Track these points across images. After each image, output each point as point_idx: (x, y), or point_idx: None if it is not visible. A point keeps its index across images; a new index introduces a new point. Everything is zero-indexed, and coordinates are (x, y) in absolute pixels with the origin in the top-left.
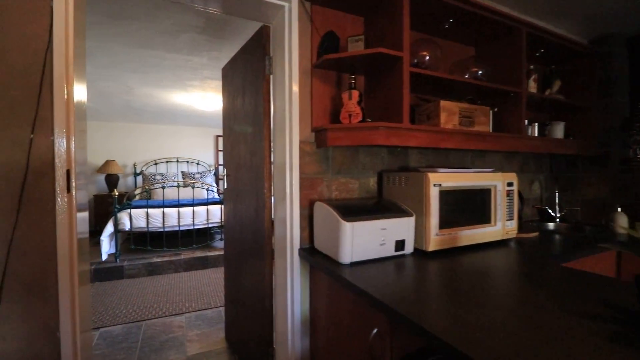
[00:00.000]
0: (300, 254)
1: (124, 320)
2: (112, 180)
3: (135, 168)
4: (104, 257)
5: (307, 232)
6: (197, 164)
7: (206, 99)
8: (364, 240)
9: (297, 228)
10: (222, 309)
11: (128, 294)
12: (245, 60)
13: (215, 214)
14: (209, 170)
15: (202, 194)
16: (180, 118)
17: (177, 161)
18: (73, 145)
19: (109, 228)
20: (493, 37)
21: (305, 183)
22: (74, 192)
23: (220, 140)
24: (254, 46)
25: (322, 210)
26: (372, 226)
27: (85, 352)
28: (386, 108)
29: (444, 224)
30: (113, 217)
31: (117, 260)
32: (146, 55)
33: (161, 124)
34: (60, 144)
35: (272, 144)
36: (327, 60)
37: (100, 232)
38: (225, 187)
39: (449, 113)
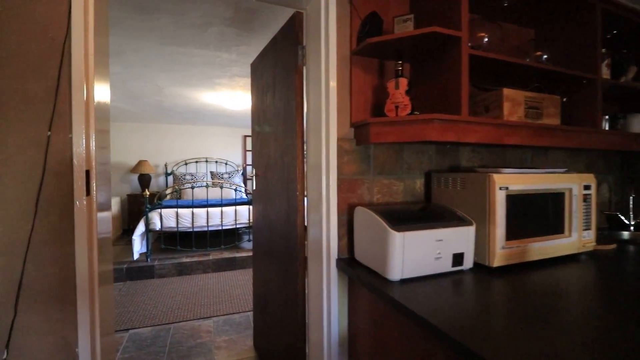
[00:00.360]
0: (337, 265)
1: (153, 322)
2: (144, 180)
3: (166, 168)
4: (136, 256)
5: (345, 241)
6: (226, 164)
7: (234, 98)
8: (416, 254)
9: (334, 236)
10: (250, 313)
11: (158, 294)
12: (276, 52)
13: (243, 214)
14: (237, 170)
15: (230, 194)
16: (209, 118)
17: (206, 161)
18: (93, 144)
19: (141, 227)
20: (559, 16)
21: (344, 185)
22: (94, 195)
23: (248, 140)
24: (285, 36)
25: (364, 217)
26: (426, 237)
27: (107, 356)
28: (438, 98)
29: (511, 234)
30: (144, 217)
31: (148, 259)
32: (175, 52)
33: (191, 124)
34: (79, 143)
35: (305, 142)
36: (370, 44)
37: (132, 231)
38: (254, 187)
39: (513, 103)
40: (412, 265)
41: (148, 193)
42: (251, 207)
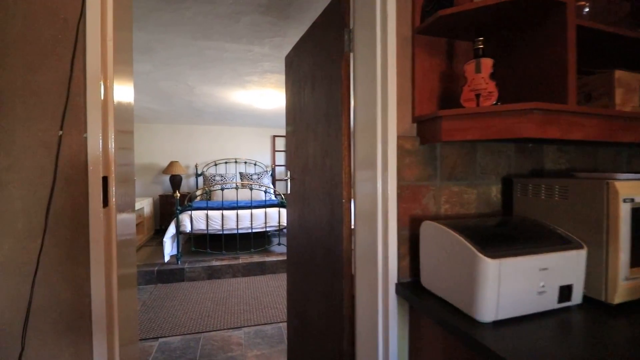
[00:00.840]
0: (397, 291)
1: (183, 330)
2: (175, 181)
3: (196, 169)
4: (167, 258)
5: (407, 262)
6: (255, 164)
7: (264, 96)
8: (515, 287)
9: (393, 254)
10: (282, 325)
11: (188, 299)
12: (316, 40)
13: (273, 217)
14: (266, 171)
15: (260, 195)
16: (238, 118)
17: (236, 162)
18: (112, 145)
19: (171, 230)
20: None
21: (406, 193)
22: (113, 206)
23: (277, 140)
24: (328, 20)
25: (436, 234)
26: (527, 264)
27: None
28: (528, 85)
29: (637, 261)
30: (175, 219)
31: (179, 262)
32: (205, 48)
33: (220, 124)
34: (95, 144)
35: (352, 141)
36: (441, 18)
37: (164, 231)
38: (289, 191)
39: (627, 89)
40: (509, 301)
41: (179, 194)
42: (281, 209)
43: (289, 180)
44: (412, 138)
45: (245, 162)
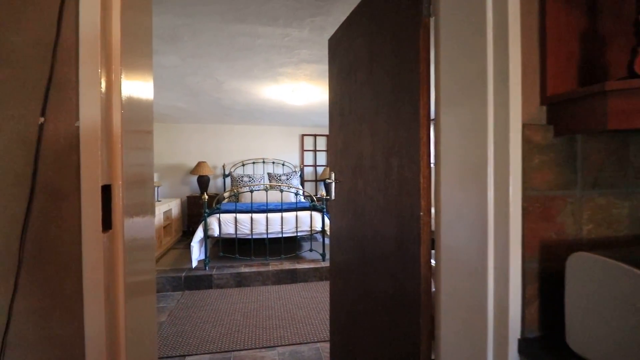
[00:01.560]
0: (521, 349)
1: (212, 347)
2: (203, 182)
3: (224, 169)
4: (194, 264)
5: (536, 308)
6: (283, 164)
7: (297, 91)
8: None
9: (515, 297)
10: (320, 346)
11: (216, 309)
12: (372, 12)
13: (305, 221)
14: (295, 172)
15: (289, 197)
16: (267, 116)
17: (263, 162)
18: (119, 135)
19: (199, 234)
20: None
21: (534, 207)
22: (120, 227)
23: (306, 139)
24: None
25: (601, 274)
26: None
27: None
28: None
29: None
30: (203, 223)
31: (207, 267)
32: (236, 33)
33: (248, 124)
34: (91, 138)
35: (430, 134)
36: None
37: (192, 233)
38: (333, 195)
39: None
40: None
41: (206, 197)
42: (314, 213)
43: (333, 183)
44: (542, 127)
45: (274, 162)
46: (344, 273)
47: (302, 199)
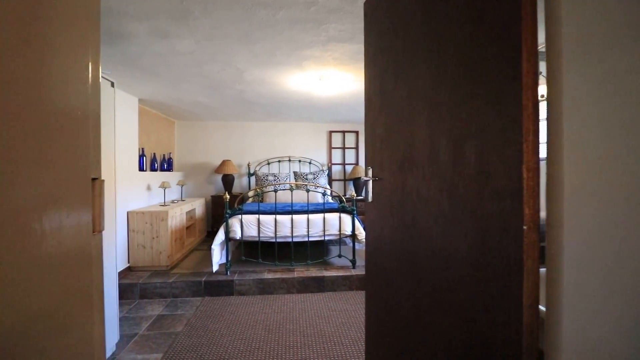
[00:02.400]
0: None
1: None
2: (228, 181)
3: (249, 168)
4: (215, 268)
5: None
6: (310, 163)
7: (324, 79)
8: None
9: None
10: None
11: (236, 320)
12: None
13: (333, 224)
14: (322, 170)
15: (316, 197)
16: (293, 111)
17: (289, 160)
18: None
19: (220, 236)
20: None
21: None
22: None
23: (334, 136)
24: None
25: None
26: None
27: None
28: None
29: None
30: (224, 224)
31: (228, 272)
32: (252, 3)
33: (273, 120)
34: None
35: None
36: None
37: (216, 234)
38: (370, 197)
39: None
40: None
41: (228, 197)
42: (342, 215)
43: (370, 181)
44: None
45: (300, 161)
46: (385, 302)
47: (329, 199)
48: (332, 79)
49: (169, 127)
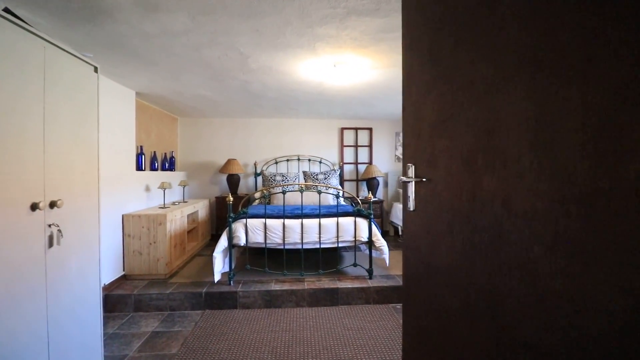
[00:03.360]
0: None
1: None
2: (233, 181)
3: (255, 167)
4: (217, 277)
5: None
6: (320, 162)
7: (340, 65)
8: None
9: None
10: None
11: (240, 340)
12: None
13: (348, 229)
14: (334, 170)
15: (327, 199)
16: (303, 105)
17: (298, 159)
18: None
19: (223, 242)
20: None
21: None
22: None
23: (346, 133)
24: None
25: None
26: None
27: None
28: None
29: None
30: (227, 229)
31: (231, 282)
32: None
33: (281, 116)
34: None
35: None
36: None
37: (220, 237)
38: (411, 205)
39: None
40: None
41: (231, 199)
42: (358, 219)
43: (411, 183)
44: None
45: (309, 160)
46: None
47: (342, 201)
48: (347, 66)
49: (171, 124)
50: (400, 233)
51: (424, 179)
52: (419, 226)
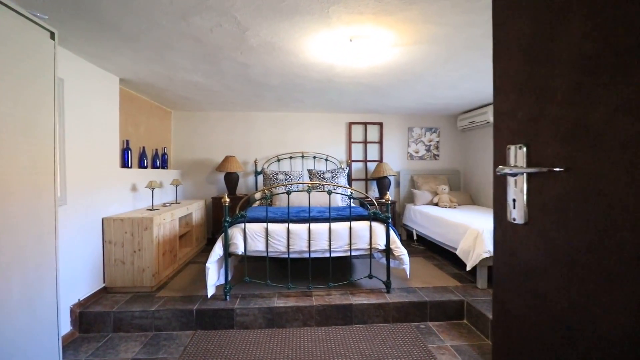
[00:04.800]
0: None
1: None
2: (231, 180)
3: (255, 165)
4: (210, 291)
5: None
6: (326, 160)
7: (356, 41)
8: None
9: None
10: None
11: None
12: None
13: (362, 235)
14: (342, 168)
15: (335, 200)
16: (308, 96)
17: (302, 157)
18: None
19: (217, 251)
20: None
21: None
22: None
23: (355, 127)
24: None
25: None
26: None
27: None
28: None
29: None
30: (222, 235)
31: (227, 297)
32: None
33: (283, 110)
34: None
35: None
36: None
37: (217, 242)
38: (522, 213)
39: None
40: None
41: (227, 200)
42: (374, 224)
43: (519, 178)
44: None
45: (314, 157)
46: None
47: (352, 203)
48: (366, 41)
49: (163, 117)
50: (414, 238)
51: (556, 169)
52: (533, 251)
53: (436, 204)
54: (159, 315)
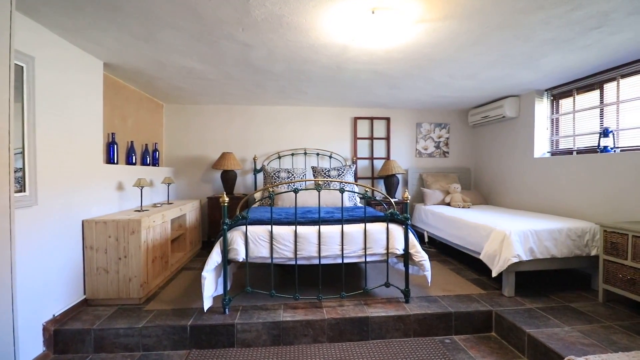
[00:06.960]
0: None
1: None
2: (229, 179)
3: (255, 163)
4: (207, 304)
5: None
6: (330, 157)
7: (379, 12)
8: None
9: None
10: None
11: None
12: None
13: (378, 239)
14: (348, 166)
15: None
16: (312, 86)
17: (305, 153)
18: None
19: (215, 257)
20: None
21: None
22: None
23: (360, 123)
24: None
25: None
26: None
27: None
28: None
29: None
30: (221, 240)
31: (226, 310)
32: None
33: (285, 104)
34: None
35: None
36: None
37: (213, 245)
38: None
39: None
40: None
41: (226, 200)
42: (392, 226)
43: None
44: None
45: (318, 154)
46: None
47: (359, 203)
48: (390, 13)
49: (154, 110)
50: (425, 240)
51: None
52: None
53: (448, 204)
54: (147, 332)
